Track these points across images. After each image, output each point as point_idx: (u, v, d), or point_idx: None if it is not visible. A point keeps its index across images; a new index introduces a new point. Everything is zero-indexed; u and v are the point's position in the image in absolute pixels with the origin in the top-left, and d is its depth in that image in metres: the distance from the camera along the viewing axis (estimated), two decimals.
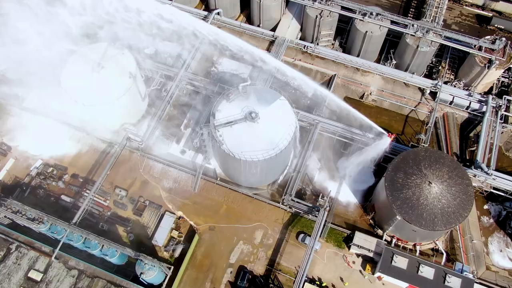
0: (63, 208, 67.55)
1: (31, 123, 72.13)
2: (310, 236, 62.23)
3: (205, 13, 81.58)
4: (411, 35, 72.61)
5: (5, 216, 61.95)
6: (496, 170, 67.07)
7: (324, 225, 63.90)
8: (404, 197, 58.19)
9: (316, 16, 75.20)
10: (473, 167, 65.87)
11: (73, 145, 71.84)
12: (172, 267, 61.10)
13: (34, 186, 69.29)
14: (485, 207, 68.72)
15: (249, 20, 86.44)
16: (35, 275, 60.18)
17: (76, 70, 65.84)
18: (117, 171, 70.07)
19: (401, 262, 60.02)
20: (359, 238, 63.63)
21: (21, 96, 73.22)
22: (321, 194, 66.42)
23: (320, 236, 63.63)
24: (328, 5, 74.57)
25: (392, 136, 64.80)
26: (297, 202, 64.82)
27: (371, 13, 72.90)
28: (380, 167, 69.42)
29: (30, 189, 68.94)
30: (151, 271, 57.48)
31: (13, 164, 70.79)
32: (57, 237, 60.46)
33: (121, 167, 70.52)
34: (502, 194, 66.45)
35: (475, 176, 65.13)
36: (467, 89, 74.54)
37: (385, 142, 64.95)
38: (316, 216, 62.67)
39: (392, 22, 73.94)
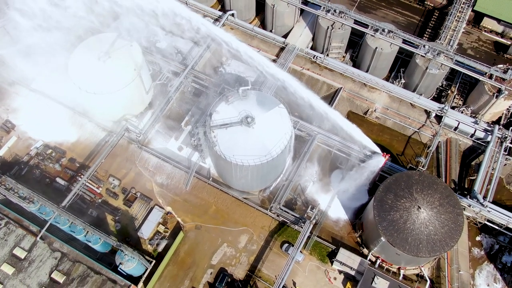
0: (56, 190, 68.75)
1: (36, 105, 73.53)
2: (294, 246, 61.87)
3: (220, 13, 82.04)
4: (421, 55, 71.51)
5: None
6: (494, 202, 65.48)
7: (309, 237, 63.56)
8: (391, 219, 57.28)
9: (328, 27, 74.79)
10: (468, 196, 64.41)
11: (74, 131, 73.07)
12: (154, 261, 61.85)
13: (32, 166, 70.78)
14: (478, 238, 67.09)
15: (263, 25, 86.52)
16: (19, 253, 61.25)
17: (83, 57, 66.98)
18: (114, 160, 71.03)
19: (381, 284, 59.20)
20: (343, 255, 62.92)
21: (30, 77, 74.74)
22: (310, 206, 65.93)
23: (304, 248, 63.49)
24: (341, 17, 74.05)
25: (387, 156, 63.84)
26: (284, 211, 64.49)
27: (383, 30, 72.08)
28: (376, 186, 68.42)
29: (28, 168, 70.46)
30: (130, 263, 58.02)
31: (15, 142, 72.51)
32: (45, 218, 61.59)
33: (118, 156, 71.43)
34: (496, 227, 64.78)
35: (469, 206, 63.64)
36: (474, 117, 73.00)
37: (379, 161, 64.01)
38: (302, 227, 62.28)
39: (404, 41, 72.89)
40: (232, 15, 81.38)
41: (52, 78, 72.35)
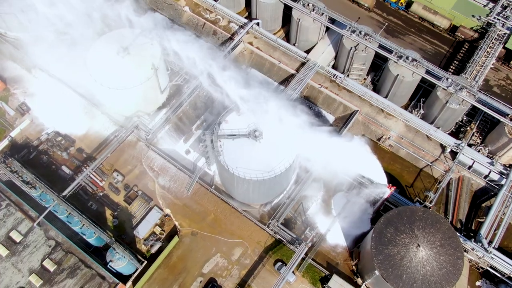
0: (61, 178, 69.31)
1: (52, 92, 74.15)
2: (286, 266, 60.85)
3: (245, 20, 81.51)
4: (443, 88, 69.54)
5: (4, 173, 64.27)
6: (500, 248, 63.18)
7: (304, 259, 62.43)
8: (388, 253, 55.66)
9: (351, 48, 73.48)
10: (473, 239, 62.24)
11: (86, 121, 73.55)
12: (145, 262, 61.66)
13: (41, 151, 71.53)
14: (478, 283, 64.68)
15: (288, 37, 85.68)
16: (15, 236, 61.82)
17: (103, 50, 67.39)
18: (120, 156, 71.26)
19: None
20: (335, 282, 61.55)
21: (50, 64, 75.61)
22: (309, 227, 64.78)
23: (297, 269, 62.42)
24: (365, 39, 72.62)
25: (392, 188, 62.19)
26: (282, 229, 63.47)
27: (407, 57, 70.36)
28: (379, 216, 66.77)
29: (36, 153, 71.24)
30: (120, 261, 58.06)
31: (28, 125, 73.44)
32: (45, 205, 62.07)
33: (126, 152, 71.61)
34: (499, 275, 62.38)
35: (473, 249, 61.50)
36: (490, 157, 70.49)
37: (383, 192, 62.44)
38: (297, 248, 61.21)
39: (428, 71, 70.97)
40: (258, 24, 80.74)
41: (71, 67, 72.83)
